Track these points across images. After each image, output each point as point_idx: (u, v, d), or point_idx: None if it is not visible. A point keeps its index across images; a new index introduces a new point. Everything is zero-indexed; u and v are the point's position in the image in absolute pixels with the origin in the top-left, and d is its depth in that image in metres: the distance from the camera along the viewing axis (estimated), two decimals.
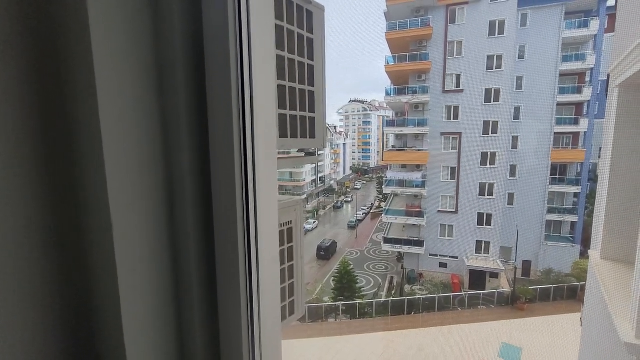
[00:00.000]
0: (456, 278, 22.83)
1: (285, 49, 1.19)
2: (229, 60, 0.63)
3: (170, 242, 0.69)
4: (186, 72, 0.66)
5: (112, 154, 0.57)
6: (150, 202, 0.65)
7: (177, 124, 0.67)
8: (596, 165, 21.67)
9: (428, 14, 22.93)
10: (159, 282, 0.67)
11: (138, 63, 0.61)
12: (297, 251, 1.42)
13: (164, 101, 0.66)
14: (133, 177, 0.61)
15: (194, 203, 0.70)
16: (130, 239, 0.61)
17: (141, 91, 0.62)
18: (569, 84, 23.28)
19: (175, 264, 0.70)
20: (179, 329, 0.73)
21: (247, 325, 0.74)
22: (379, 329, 18.56)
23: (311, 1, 1.28)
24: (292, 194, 46.26)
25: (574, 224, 23.92)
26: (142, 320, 0.64)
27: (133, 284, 0.62)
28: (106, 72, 0.56)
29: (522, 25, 22.81)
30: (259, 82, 0.71)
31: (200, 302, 0.72)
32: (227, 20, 0.62)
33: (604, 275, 2.72)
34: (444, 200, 23.92)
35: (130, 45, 0.59)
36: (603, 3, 22.29)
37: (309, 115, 1.34)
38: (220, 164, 0.69)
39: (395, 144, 26.65)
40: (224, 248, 0.71)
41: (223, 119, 0.67)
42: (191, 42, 0.66)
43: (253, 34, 0.67)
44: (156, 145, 0.65)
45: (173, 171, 0.68)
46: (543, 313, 18.82)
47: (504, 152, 22.31)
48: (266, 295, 0.78)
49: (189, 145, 0.67)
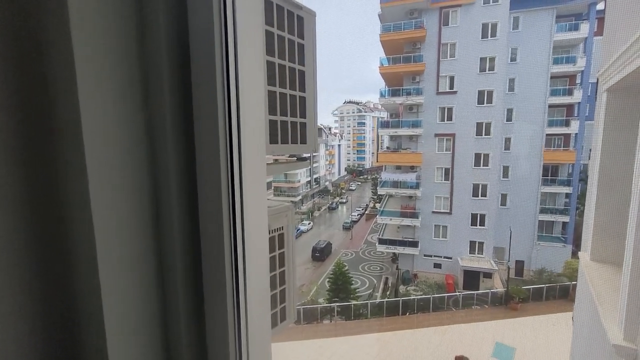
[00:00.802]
0: (450, 278, 22.97)
1: (275, 54, 1.19)
2: (214, 65, 0.63)
3: (155, 249, 0.68)
4: (171, 77, 0.65)
5: (94, 158, 0.56)
6: (134, 208, 0.64)
7: (162, 129, 0.66)
8: (587, 166, 22.01)
9: (422, 16, 23.10)
10: (143, 288, 0.66)
11: (121, 67, 0.60)
12: (289, 257, 1.41)
13: (149, 106, 0.65)
14: (116, 183, 0.60)
15: (180, 209, 0.69)
16: (114, 245, 0.60)
17: (125, 95, 0.61)
18: (560, 86, 23.64)
19: (160, 271, 0.70)
20: (164, 338, 0.72)
21: (234, 332, 0.73)
22: (374, 330, 18.59)
23: (302, 7, 1.28)
24: (287, 195, 46.24)
25: (565, 224, 24.24)
26: (126, 329, 0.63)
27: (116, 291, 0.61)
28: (88, 74, 0.55)
29: (514, 28, 23.10)
30: (246, 87, 0.71)
31: (186, 310, 0.71)
32: (212, 25, 0.62)
33: (594, 277, 2.76)
34: (438, 201, 24.07)
35: (113, 48, 0.58)
36: (593, 7, 22.67)
37: (300, 121, 1.34)
38: (206, 169, 0.69)
39: (389, 145, 26.77)
40: (210, 256, 0.71)
41: (208, 125, 0.66)
42: (176, 46, 0.65)
43: (240, 38, 0.67)
44: (140, 150, 0.64)
45: (158, 176, 0.67)
46: (536, 312, 19.03)
47: (497, 154, 22.55)
48: (255, 303, 0.77)
49: (174, 150, 0.67)
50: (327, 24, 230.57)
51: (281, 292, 1.39)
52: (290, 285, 1.43)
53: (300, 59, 1.30)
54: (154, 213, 0.68)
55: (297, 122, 1.33)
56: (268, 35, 1.15)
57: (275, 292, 1.36)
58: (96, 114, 0.56)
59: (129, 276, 0.63)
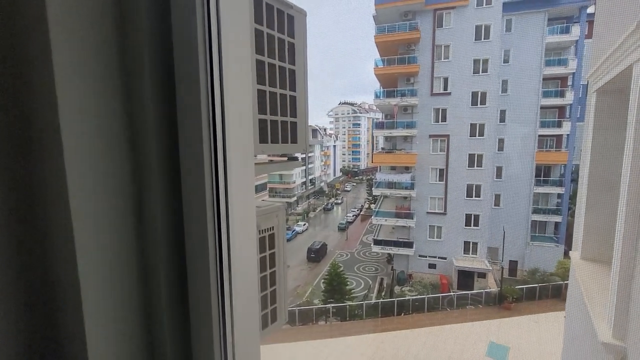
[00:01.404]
0: (445, 279, 23.09)
1: (265, 53, 1.18)
2: (197, 63, 0.62)
3: (138, 249, 0.67)
4: (153, 74, 0.64)
5: (73, 157, 0.55)
6: (116, 207, 0.63)
7: (144, 127, 0.65)
8: (578, 167, 22.30)
9: (416, 18, 23.25)
10: (124, 291, 0.65)
11: (101, 65, 0.59)
12: (279, 258, 1.40)
13: (131, 104, 0.64)
14: (96, 181, 0.59)
15: (163, 208, 0.68)
16: (94, 246, 0.59)
17: (105, 93, 0.60)
18: (552, 88, 23.95)
19: (143, 272, 0.68)
20: (148, 342, 0.70)
21: (219, 333, 0.72)
22: (369, 331, 18.61)
23: (292, 5, 1.28)
24: (282, 196, 46.11)
25: (557, 224, 24.53)
26: (107, 334, 0.62)
27: (97, 293, 0.60)
28: (66, 73, 0.54)
29: (507, 30, 23.35)
30: (232, 86, 0.70)
31: (170, 311, 0.70)
32: (195, 23, 0.61)
33: (584, 276, 2.79)
34: (432, 201, 24.20)
35: (92, 47, 0.57)
36: (583, 10, 23.01)
37: (290, 120, 1.33)
38: (190, 168, 0.68)
39: (384, 145, 26.86)
40: (195, 257, 0.70)
41: (192, 124, 0.66)
42: (159, 43, 0.64)
43: (224, 36, 0.66)
44: (122, 149, 0.63)
45: (141, 176, 0.66)
46: (529, 312, 19.21)
47: (490, 154, 22.75)
48: (242, 304, 0.76)
49: (157, 149, 0.66)
50: (321, 25, 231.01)
51: (272, 293, 1.38)
52: (281, 286, 1.42)
53: (290, 58, 1.30)
54: (136, 213, 0.66)
55: (288, 122, 1.32)
56: (257, 34, 1.14)
57: (266, 293, 1.35)
58: (75, 112, 0.55)
59: (110, 278, 0.62)
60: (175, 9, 0.64)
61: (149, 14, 0.63)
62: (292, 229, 37.97)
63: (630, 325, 1.87)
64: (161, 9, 0.64)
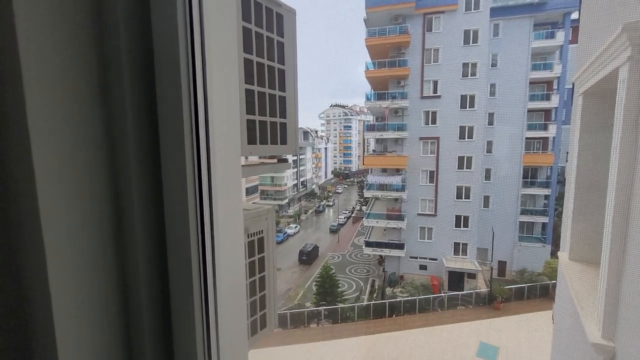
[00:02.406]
0: (436, 280, 23.25)
1: (253, 52, 1.15)
2: (178, 61, 0.59)
3: (116, 257, 0.63)
4: (132, 71, 0.61)
5: (43, 159, 0.51)
6: (91, 213, 0.59)
7: (122, 129, 0.61)
8: (564, 169, 22.83)
9: (406, 22, 23.50)
10: (101, 302, 0.61)
11: (75, 63, 0.55)
12: (269, 262, 1.36)
13: (108, 105, 0.60)
14: (69, 186, 0.55)
15: (143, 213, 0.64)
16: (67, 255, 0.55)
17: (80, 95, 0.56)
18: (538, 92, 24.49)
19: (121, 282, 0.64)
20: (128, 355, 0.66)
21: (204, 342, 0.68)
22: (361, 333, 18.59)
23: (281, 4, 1.25)
24: (273, 198, 45.89)
25: (544, 225, 24.99)
26: (83, 347, 0.58)
27: (71, 304, 0.56)
28: (35, 72, 0.50)
29: (495, 34, 23.80)
30: (216, 85, 0.67)
31: (151, 321, 0.66)
32: (176, 20, 0.58)
33: (572, 276, 2.82)
34: (423, 203, 24.39)
35: (64, 44, 0.53)
36: (567, 16, 23.62)
37: (279, 121, 1.30)
38: (172, 170, 0.64)
39: (375, 148, 27.00)
40: (177, 266, 0.66)
41: (173, 124, 0.62)
42: (138, 39, 0.61)
43: (208, 34, 0.63)
44: (98, 151, 0.59)
45: (119, 182, 0.62)
46: (518, 311, 19.49)
47: (479, 156, 23.07)
48: (228, 310, 0.73)
49: (136, 152, 0.62)
50: (312, 26, 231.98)
51: (261, 299, 1.34)
52: (270, 291, 1.38)
53: (280, 58, 1.27)
54: (114, 219, 0.62)
55: (277, 122, 1.29)
56: (245, 32, 1.11)
57: (255, 299, 1.31)
58: (45, 113, 0.51)
59: (85, 288, 0.58)
60: (155, 7, 0.61)
61: (127, 8, 0.59)
62: (283, 232, 37.79)
63: (619, 325, 1.89)
64: (140, 5, 0.61)
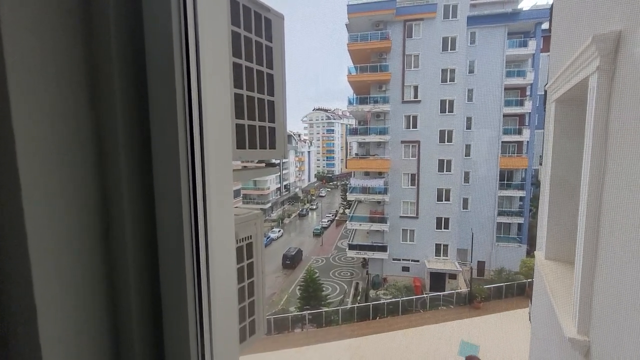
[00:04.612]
0: (418, 281, 23.64)
1: (242, 56, 1.15)
2: (173, 65, 0.58)
3: (104, 265, 0.61)
4: (124, 78, 0.59)
5: (29, 162, 0.49)
6: (78, 220, 0.57)
7: (113, 132, 0.59)
8: (537, 171, 23.86)
9: (387, 28, 23.99)
10: (87, 311, 0.58)
11: (63, 65, 0.53)
12: (258, 267, 1.35)
13: (99, 111, 0.58)
14: (56, 191, 0.53)
15: (134, 220, 0.62)
16: (53, 263, 0.52)
17: (67, 97, 0.54)
18: (513, 97, 25.54)
19: (110, 291, 0.62)
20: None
21: (197, 353, 0.67)
22: (346, 336, 18.60)
23: (270, 9, 1.25)
24: (256, 202, 45.38)
25: (520, 225, 25.98)
26: (69, 348, 0.55)
27: (57, 315, 0.53)
28: (19, 75, 0.48)
29: (472, 42, 24.69)
30: (210, 90, 0.66)
31: (141, 332, 0.64)
32: (171, 24, 0.57)
33: (548, 274, 2.95)
34: (405, 205, 24.80)
35: (51, 44, 0.51)
36: (539, 26, 24.83)
37: (268, 126, 1.30)
38: (165, 176, 0.63)
39: (358, 151, 27.28)
40: (169, 272, 0.64)
41: (167, 128, 0.61)
42: (130, 45, 0.59)
43: (202, 38, 0.62)
44: (87, 155, 0.57)
45: (109, 187, 0.60)
46: (497, 310, 20.10)
47: (458, 160, 23.75)
48: (221, 319, 0.72)
49: (127, 156, 0.60)
50: (296, 31, 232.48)
51: (250, 305, 1.32)
52: (259, 297, 1.37)
53: (268, 62, 1.27)
54: (102, 225, 0.60)
55: (266, 127, 1.28)
56: (234, 36, 1.10)
57: (244, 305, 1.29)
58: (31, 117, 0.49)
59: (73, 299, 0.56)
60: (148, 10, 0.60)
61: (119, 13, 0.58)
62: (267, 236, 37.41)
63: (592, 320, 1.99)
64: (132, 8, 0.60)
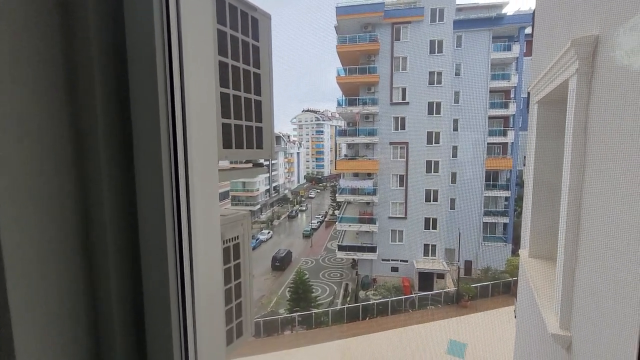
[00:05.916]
0: (407, 281, 23.85)
1: (228, 55, 1.14)
2: (155, 63, 0.57)
3: (84, 269, 0.59)
4: (104, 77, 0.58)
5: (5, 166, 0.47)
6: (55, 221, 0.55)
7: (93, 131, 0.58)
8: (522, 172, 24.46)
9: (375, 30, 24.20)
10: (68, 312, 0.57)
11: (37, 67, 0.52)
12: (245, 268, 1.34)
13: (77, 107, 0.57)
14: (31, 191, 0.51)
15: (114, 222, 0.61)
16: (27, 268, 0.51)
17: (44, 94, 0.52)
18: (498, 100, 26.13)
19: (90, 298, 0.60)
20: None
21: (181, 355, 0.66)
22: (336, 337, 18.60)
23: (256, 8, 1.25)
24: (245, 204, 44.96)
25: (506, 225, 26.54)
26: (46, 351, 0.54)
27: (34, 326, 0.51)
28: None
29: (458, 45, 25.14)
30: (193, 88, 0.65)
31: (124, 335, 0.63)
32: (152, 22, 0.56)
33: (532, 272, 3.02)
34: (394, 206, 25.02)
35: (28, 46, 0.50)
36: (522, 30, 25.49)
37: (255, 125, 1.29)
38: (147, 176, 0.61)
39: (347, 152, 27.39)
40: (152, 273, 0.63)
41: (149, 130, 0.60)
42: (111, 44, 0.58)
43: (185, 36, 0.61)
44: (65, 154, 0.56)
45: (89, 185, 0.59)
46: (483, 308, 20.46)
47: (445, 161, 24.12)
48: (205, 321, 0.70)
49: (108, 155, 0.59)
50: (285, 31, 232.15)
51: (237, 306, 1.31)
52: (246, 298, 1.35)
53: (255, 61, 1.26)
54: (82, 226, 0.59)
55: (253, 126, 1.27)
56: (220, 35, 1.09)
57: (231, 306, 1.28)
58: (7, 115, 0.48)
59: (52, 302, 0.54)
60: (129, 8, 0.59)
61: (99, 10, 0.56)
62: (256, 238, 37.11)
63: (574, 316, 2.05)
64: (112, 6, 0.58)
